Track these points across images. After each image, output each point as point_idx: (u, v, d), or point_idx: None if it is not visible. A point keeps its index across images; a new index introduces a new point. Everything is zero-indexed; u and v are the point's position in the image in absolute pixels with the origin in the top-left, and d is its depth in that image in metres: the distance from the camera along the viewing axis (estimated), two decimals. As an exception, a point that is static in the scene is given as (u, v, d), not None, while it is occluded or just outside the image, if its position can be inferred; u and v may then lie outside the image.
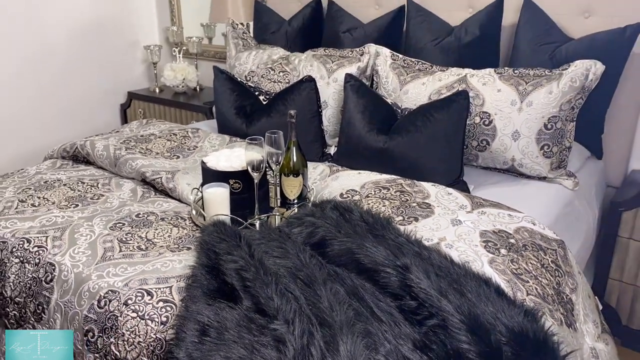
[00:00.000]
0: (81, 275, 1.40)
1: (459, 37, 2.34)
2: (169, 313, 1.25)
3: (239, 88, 2.31)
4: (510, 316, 1.14)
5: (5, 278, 1.51)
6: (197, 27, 3.50)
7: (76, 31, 3.22)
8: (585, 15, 2.22)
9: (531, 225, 1.57)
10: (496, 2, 2.31)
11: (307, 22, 2.79)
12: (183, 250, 1.47)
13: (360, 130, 2.00)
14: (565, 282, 1.47)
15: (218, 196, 1.57)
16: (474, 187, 1.98)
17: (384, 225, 1.43)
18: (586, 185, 2.10)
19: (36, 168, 2.06)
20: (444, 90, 2.07)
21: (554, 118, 1.92)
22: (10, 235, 1.58)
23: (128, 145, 2.07)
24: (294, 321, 1.10)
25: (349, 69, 2.26)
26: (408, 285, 1.21)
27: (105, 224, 1.60)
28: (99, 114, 3.45)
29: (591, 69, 1.91)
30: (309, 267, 1.28)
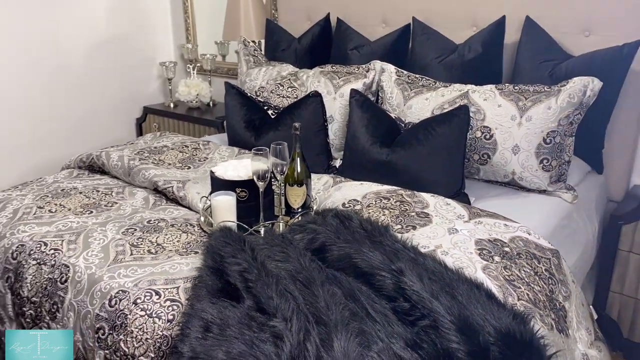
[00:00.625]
0: (94, 276, 1.48)
1: (463, 55, 2.41)
2: (176, 312, 1.32)
3: (249, 103, 2.41)
4: (498, 318, 1.19)
5: (22, 279, 1.59)
6: (211, 44, 3.62)
7: (95, 47, 3.36)
8: (585, 33, 2.28)
9: (526, 235, 1.62)
10: (498, 21, 2.38)
11: (316, 40, 2.89)
12: (191, 254, 1.55)
13: (364, 144, 2.07)
14: (558, 289, 1.52)
15: (225, 204, 1.64)
16: (475, 199, 2.03)
17: (382, 232, 1.50)
18: (586, 199, 2.15)
19: (54, 177, 2.16)
20: (446, 106, 2.14)
21: (553, 133, 1.98)
22: (28, 238, 1.67)
23: (142, 156, 2.17)
24: (292, 319, 1.17)
25: (355, 85, 2.34)
26: (402, 287, 1.27)
27: (118, 229, 1.69)
28: (115, 127, 3.57)
29: (589, 85, 1.96)
30: (309, 270, 1.34)
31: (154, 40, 3.68)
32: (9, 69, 3.00)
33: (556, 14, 2.30)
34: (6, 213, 1.83)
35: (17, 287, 1.60)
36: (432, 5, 2.61)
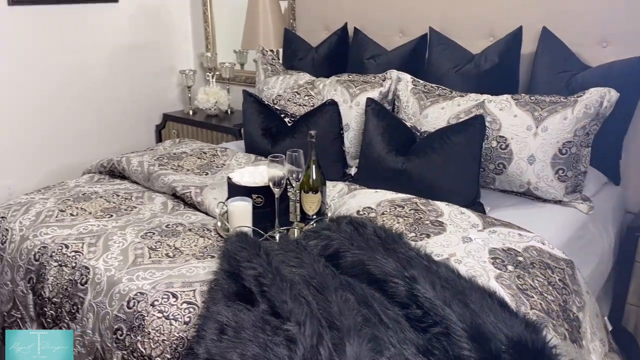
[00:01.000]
0: (113, 278, 1.51)
1: (479, 65, 2.42)
2: (192, 314, 1.35)
3: (266, 110, 2.44)
4: (510, 326, 1.20)
5: (44, 280, 1.64)
6: (230, 53, 3.67)
7: (118, 55, 3.44)
8: (603, 44, 2.28)
9: (540, 244, 1.63)
10: (515, 32, 2.39)
11: (333, 49, 2.92)
12: (207, 258, 1.58)
13: (379, 152, 2.09)
14: (572, 300, 1.51)
15: (241, 209, 1.67)
16: (490, 209, 2.03)
17: (396, 239, 1.51)
18: (602, 210, 2.14)
19: (75, 181, 2.22)
20: (462, 115, 2.15)
21: (569, 143, 1.98)
22: (50, 241, 1.72)
23: (161, 162, 2.21)
24: (305, 323, 1.18)
25: (371, 94, 2.37)
26: (414, 295, 1.28)
27: (137, 233, 1.72)
28: (135, 133, 3.64)
29: (605, 96, 1.96)
30: (322, 275, 1.36)
31: (174, 49, 3.76)
32: (36, 76, 3.09)
33: (573, 25, 2.31)
34: (29, 216, 1.88)
35: (39, 288, 1.64)
36: (449, 15, 2.62)
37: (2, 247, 1.81)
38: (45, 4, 3.06)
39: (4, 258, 1.79)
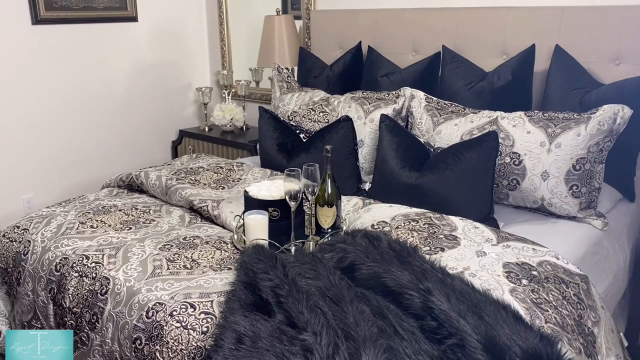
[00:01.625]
0: (132, 288, 1.54)
1: (492, 82, 2.44)
2: (210, 324, 1.37)
3: (282, 126, 2.49)
4: (525, 339, 1.21)
5: (65, 290, 1.67)
6: (246, 71, 3.74)
7: (137, 73, 3.52)
8: (616, 62, 2.30)
9: (554, 259, 1.63)
10: (528, 50, 2.41)
11: (347, 67, 2.97)
12: (224, 270, 1.60)
13: (393, 167, 2.11)
14: (587, 315, 1.52)
15: (258, 222, 1.70)
16: (503, 224, 2.04)
17: (411, 252, 1.53)
18: (617, 227, 2.14)
19: (95, 195, 2.27)
20: (475, 131, 2.17)
21: (582, 159, 1.99)
22: (71, 252, 1.76)
23: (178, 176, 2.25)
24: (322, 333, 1.20)
25: (385, 110, 2.40)
26: (429, 307, 1.30)
27: (155, 245, 1.76)
28: (152, 149, 3.71)
29: (619, 113, 1.98)
30: (338, 287, 1.38)
31: (191, 67, 3.84)
32: (57, 92, 3.17)
33: (586, 43, 2.33)
34: (51, 228, 1.92)
35: (60, 298, 1.68)
36: (462, 34, 2.66)
37: (24, 258, 1.85)
38: (67, 23, 3.15)
39: (26, 269, 1.83)
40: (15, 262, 1.88)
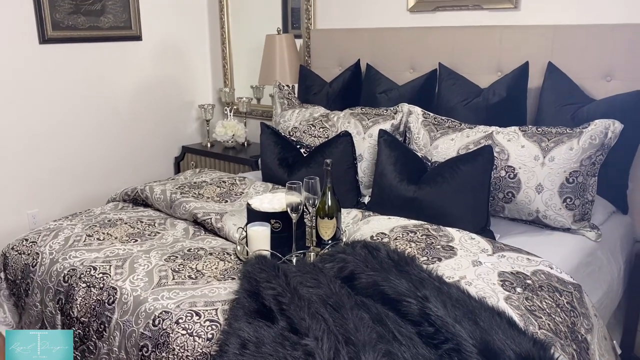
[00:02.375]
0: (139, 298, 1.59)
1: (487, 98, 2.51)
2: (215, 331, 1.42)
3: (283, 141, 2.55)
4: (519, 343, 1.26)
5: (73, 300, 1.72)
6: (247, 88, 3.82)
7: (141, 91, 3.61)
8: (607, 79, 2.37)
9: (548, 269, 1.68)
10: (522, 67, 2.49)
11: (346, 84, 3.04)
12: (228, 280, 1.65)
13: (392, 180, 2.17)
14: (580, 322, 1.56)
15: (260, 234, 1.76)
16: (499, 236, 2.09)
17: (409, 262, 1.58)
18: (611, 238, 2.19)
19: (101, 209, 2.32)
20: (471, 146, 2.23)
21: (575, 173, 2.05)
22: (79, 263, 1.81)
23: (183, 190, 2.31)
24: (323, 338, 1.25)
25: (383, 126, 2.47)
26: (427, 313, 1.35)
27: (161, 256, 1.81)
28: (155, 164, 3.77)
29: (610, 127, 2.04)
30: (339, 295, 1.43)
31: (194, 84, 3.92)
32: (62, 109, 3.25)
33: (578, 60, 2.40)
34: (58, 240, 1.97)
35: (68, 308, 1.72)
36: (457, 51, 2.74)
37: (32, 270, 1.90)
38: (73, 42, 3.24)
39: (34, 280, 1.88)
40: (23, 274, 1.93)
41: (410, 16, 2.95)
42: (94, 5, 3.30)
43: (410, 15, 2.95)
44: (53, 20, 3.13)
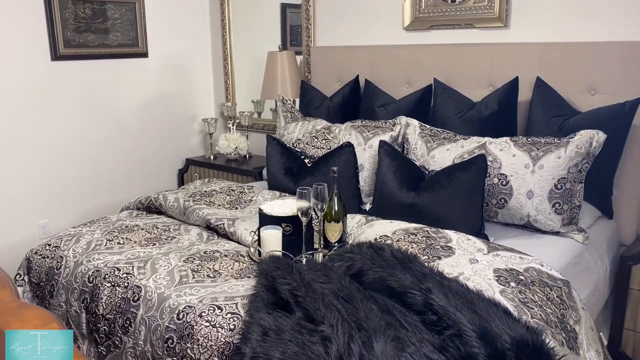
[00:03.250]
0: (163, 295, 1.72)
1: (480, 111, 2.67)
2: (236, 322, 1.54)
3: (288, 152, 2.69)
4: (514, 329, 1.39)
5: (98, 299, 1.84)
6: (248, 103, 3.97)
7: (146, 106, 3.75)
8: (592, 92, 2.54)
9: (539, 266, 1.83)
10: (512, 81, 2.65)
11: (346, 99, 3.20)
12: (244, 278, 1.78)
13: (392, 188, 2.32)
14: (569, 314, 1.70)
15: (273, 236, 1.89)
16: (493, 239, 2.23)
17: (412, 259, 1.72)
18: (597, 241, 2.34)
19: (117, 216, 2.45)
20: (465, 155, 2.38)
21: (563, 179, 2.20)
22: (103, 265, 1.93)
23: (194, 198, 2.44)
24: (337, 325, 1.38)
25: (383, 137, 2.62)
26: (430, 303, 1.48)
27: (179, 258, 1.94)
28: (159, 177, 3.91)
29: (594, 137, 2.20)
30: (349, 289, 1.57)
31: (197, 99, 4.07)
32: (72, 123, 3.38)
33: (564, 75, 2.57)
34: (81, 245, 2.10)
35: (93, 307, 1.84)
36: (451, 67, 2.91)
37: (57, 273, 2.02)
38: (84, 59, 3.38)
39: (59, 282, 1.99)
40: (48, 277, 2.05)
41: (406, 34, 3.12)
42: (103, 24, 3.45)
43: (406, 33, 3.12)
44: (65, 38, 3.27)
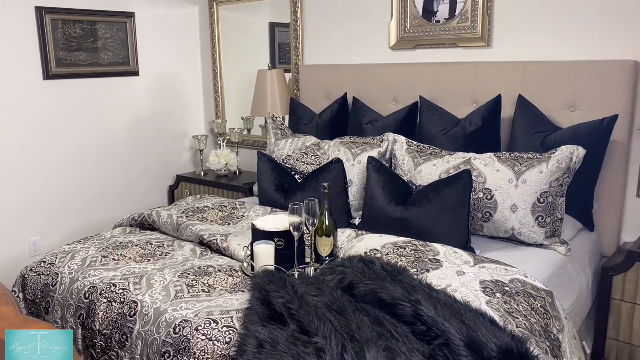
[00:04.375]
0: (159, 309, 1.76)
1: (465, 128, 2.76)
2: (232, 335, 1.59)
3: (279, 168, 2.75)
4: (500, 338, 1.46)
5: (94, 315, 1.87)
6: (238, 120, 4.03)
7: (137, 124, 3.80)
8: (572, 109, 2.63)
9: (524, 277, 1.90)
10: (495, 99, 2.74)
11: (335, 116, 3.27)
12: (239, 292, 1.83)
13: (381, 203, 2.38)
14: (553, 323, 1.77)
15: (266, 251, 1.94)
16: (480, 252, 2.30)
17: (401, 272, 1.78)
18: (579, 253, 2.41)
19: (110, 233, 2.48)
20: (452, 170, 2.46)
21: (546, 194, 2.28)
22: (99, 281, 1.96)
23: (187, 214, 2.49)
24: (331, 337, 1.43)
25: (371, 153, 2.69)
26: (419, 314, 1.54)
27: (174, 274, 1.98)
28: (149, 193, 3.94)
29: (575, 152, 2.29)
30: (341, 302, 1.62)
31: (188, 117, 4.13)
32: (64, 140, 3.42)
33: (545, 93, 2.67)
34: (76, 261, 2.13)
35: (89, 322, 1.87)
36: (437, 86, 3.00)
37: (53, 289, 2.05)
38: (75, 78, 3.43)
39: (55, 298, 2.02)
40: (43, 293, 2.07)
41: (393, 53, 3.22)
42: (94, 44, 3.50)
43: (393, 52, 3.22)
44: (57, 58, 3.32)
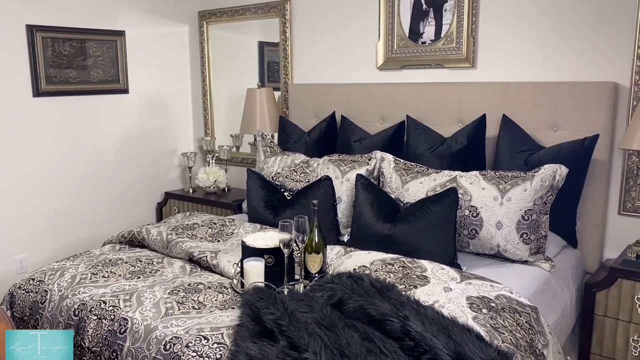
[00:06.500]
0: (150, 326, 1.76)
1: (450, 146, 2.81)
2: (222, 352, 1.60)
3: (268, 185, 2.78)
4: (486, 352, 1.49)
5: (84, 332, 1.87)
6: (227, 137, 4.06)
7: (126, 140, 3.81)
8: (554, 129, 2.70)
9: (509, 293, 1.94)
10: (480, 118, 2.81)
11: (323, 134, 3.31)
12: (229, 309, 1.84)
13: (369, 220, 2.42)
14: (537, 338, 1.81)
15: (255, 267, 1.96)
16: (466, 268, 2.34)
17: (389, 288, 1.81)
18: (563, 269, 2.46)
19: (100, 250, 2.48)
20: (438, 188, 2.50)
21: (530, 211, 2.33)
22: (88, 298, 1.97)
23: (177, 231, 2.50)
24: (321, 352, 1.46)
25: (359, 171, 2.73)
26: (408, 330, 1.57)
27: (164, 290, 1.99)
28: (137, 210, 3.94)
29: (557, 171, 2.35)
30: (330, 318, 1.64)
31: (176, 134, 4.15)
32: (53, 157, 3.42)
33: (529, 113, 2.74)
34: (65, 278, 2.13)
35: (79, 340, 1.87)
36: (423, 105, 3.06)
37: (41, 307, 2.04)
38: (65, 95, 3.44)
39: (44, 316, 2.02)
40: (32, 311, 2.07)
41: (380, 73, 3.28)
42: (84, 61, 3.53)
43: (380, 72, 3.28)
44: (46, 75, 3.33)
